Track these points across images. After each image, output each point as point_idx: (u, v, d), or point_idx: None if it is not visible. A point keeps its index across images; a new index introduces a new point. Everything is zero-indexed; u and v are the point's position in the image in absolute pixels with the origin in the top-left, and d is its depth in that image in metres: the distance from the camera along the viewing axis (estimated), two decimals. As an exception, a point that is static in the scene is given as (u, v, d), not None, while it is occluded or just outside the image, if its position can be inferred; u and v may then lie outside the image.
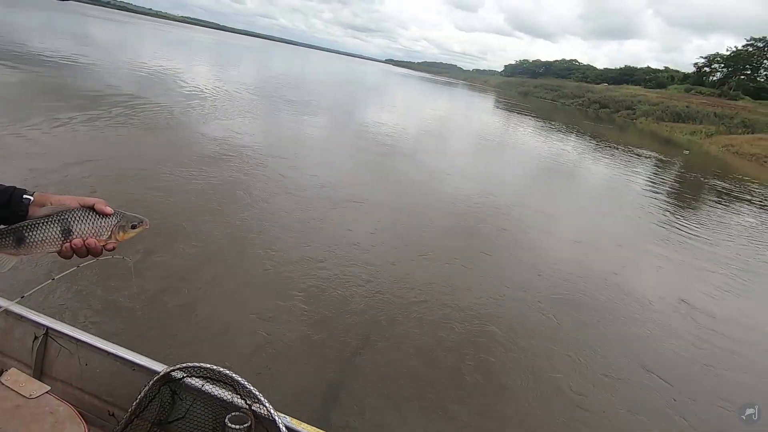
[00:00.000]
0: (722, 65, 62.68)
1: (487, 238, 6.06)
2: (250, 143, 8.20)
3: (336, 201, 6.17)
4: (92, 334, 1.60)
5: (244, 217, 4.99)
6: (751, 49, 58.69)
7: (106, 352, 1.53)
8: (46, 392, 1.43)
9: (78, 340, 1.56)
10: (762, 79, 59.35)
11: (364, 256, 4.60)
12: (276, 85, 21.55)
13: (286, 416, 1.37)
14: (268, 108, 13.64)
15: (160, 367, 1.44)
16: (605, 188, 12.02)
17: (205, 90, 13.63)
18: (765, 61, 58.75)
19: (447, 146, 14.29)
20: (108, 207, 0.88)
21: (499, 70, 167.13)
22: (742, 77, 59.78)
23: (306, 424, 1.40)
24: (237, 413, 1.37)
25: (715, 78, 64.00)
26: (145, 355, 1.52)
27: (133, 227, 0.91)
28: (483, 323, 3.79)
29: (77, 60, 14.40)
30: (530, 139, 19.61)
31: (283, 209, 5.48)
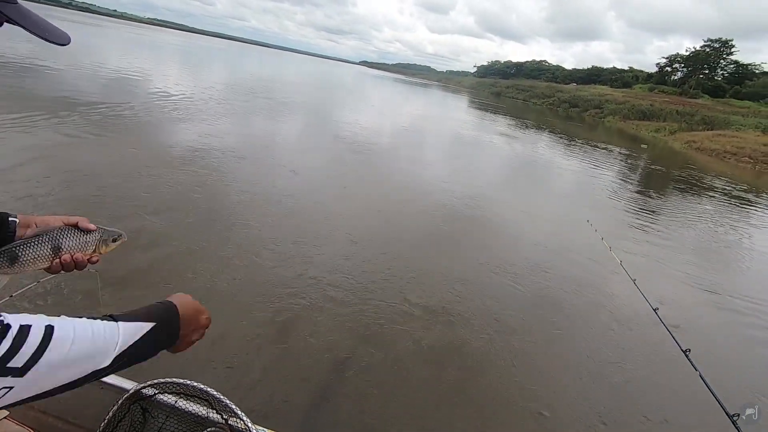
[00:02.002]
0: (682, 65, 65.71)
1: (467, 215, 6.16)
2: (231, 147, 8.02)
3: (326, 192, 6.19)
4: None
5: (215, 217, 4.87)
6: (708, 50, 61.75)
7: (70, 371, 1.44)
8: (5, 417, 1.34)
9: (39, 360, 1.46)
10: (719, 78, 62.52)
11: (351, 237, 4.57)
12: (255, 88, 21.17)
13: (265, 429, 1.33)
14: (256, 112, 13.38)
15: (129, 385, 1.37)
16: (575, 179, 12.35)
17: (176, 94, 13.26)
18: (721, 61, 61.94)
19: (434, 143, 14.37)
20: (91, 224, 0.97)
21: (472, 71, 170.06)
22: (701, 76, 62.81)
23: (286, 436, 1.36)
24: (213, 429, 1.32)
25: (676, 77, 67.06)
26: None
27: (114, 241, 1.00)
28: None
29: (35, 64, 13.77)
30: (508, 136, 19.96)
31: (267, 205, 5.38)
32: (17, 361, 0.56)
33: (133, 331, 0.69)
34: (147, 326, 0.71)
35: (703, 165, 22.40)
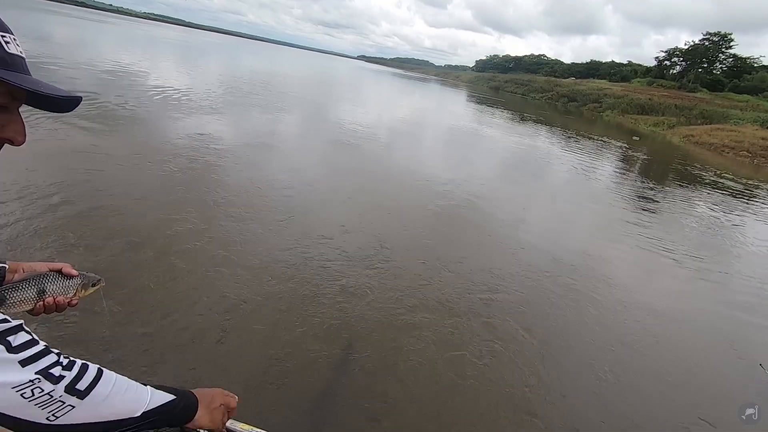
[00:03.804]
0: (681, 59, 65.48)
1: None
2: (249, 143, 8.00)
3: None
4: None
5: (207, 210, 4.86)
6: (707, 44, 61.51)
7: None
8: None
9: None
10: (718, 72, 62.37)
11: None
12: (269, 82, 21.05)
13: (261, 431, 1.32)
14: (280, 106, 13.33)
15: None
16: (572, 171, 12.36)
17: (172, 88, 13.18)
18: (720, 55, 61.77)
19: (440, 136, 14.38)
20: (73, 270, 1.06)
21: (471, 66, 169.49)
22: (700, 70, 62.60)
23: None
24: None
25: (674, 71, 66.82)
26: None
27: (93, 285, 1.08)
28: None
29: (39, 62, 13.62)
30: (509, 129, 19.95)
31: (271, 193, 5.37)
32: (81, 385, 0.74)
33: (159, 397, 0.86)
34: (169, 397, 0.89)
35: (705, 159, 22.41)
